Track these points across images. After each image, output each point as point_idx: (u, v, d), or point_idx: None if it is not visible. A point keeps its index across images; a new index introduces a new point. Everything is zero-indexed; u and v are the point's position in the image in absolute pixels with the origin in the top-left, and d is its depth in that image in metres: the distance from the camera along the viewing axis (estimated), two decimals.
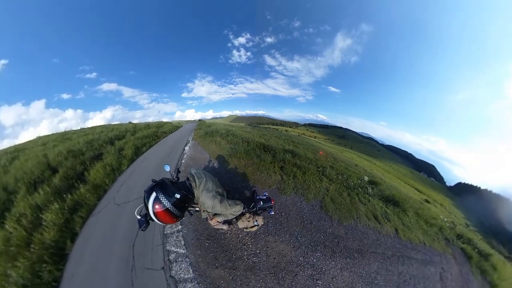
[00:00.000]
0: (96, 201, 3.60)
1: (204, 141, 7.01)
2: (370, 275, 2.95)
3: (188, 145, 6.98)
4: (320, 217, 3.61)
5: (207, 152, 5.83)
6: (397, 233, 4.16)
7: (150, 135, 8.71)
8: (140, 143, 7.05)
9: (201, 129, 9.90)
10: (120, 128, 11.07)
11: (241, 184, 3.97)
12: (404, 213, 5.20)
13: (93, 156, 5.58)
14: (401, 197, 6.07)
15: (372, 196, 5.22)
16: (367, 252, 3.31)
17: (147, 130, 10.40)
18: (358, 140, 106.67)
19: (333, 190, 4.56)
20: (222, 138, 7.03)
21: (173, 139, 8.64)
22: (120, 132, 9.31)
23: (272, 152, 5.84)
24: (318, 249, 3.02)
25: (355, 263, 3.03)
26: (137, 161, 5.56)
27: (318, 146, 16.80)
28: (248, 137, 7.62)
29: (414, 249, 4.02)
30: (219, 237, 2.83)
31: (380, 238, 3.78)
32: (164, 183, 1.47)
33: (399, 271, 3.30)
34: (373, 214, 4.32)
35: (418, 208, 6.27)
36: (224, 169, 4.58)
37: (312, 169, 5.16)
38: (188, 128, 13.16)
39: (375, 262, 3.21)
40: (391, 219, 4.50)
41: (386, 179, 11.71)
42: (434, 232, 5.17)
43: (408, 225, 4.69)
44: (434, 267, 3.89)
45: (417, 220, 5.30)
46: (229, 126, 14.79)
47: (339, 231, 3.48)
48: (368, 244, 3.50)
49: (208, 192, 1.64)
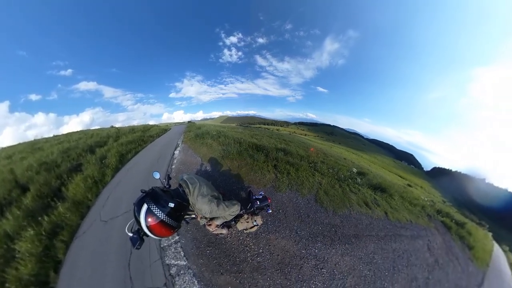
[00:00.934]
0: (79, 220, 3.19)
1: (195, 144, 6.68)
2: (369, 256, 3.23)
3: (178, 149, 6.54)
4: (316, 210, 3.78)
5: (199, 155, 5.55)
6: (387, 216, 4.63)
7: (135, 140, 7.90)
8: (124, 149, 6.39)
9: (191, 131, 9.45)
10: (101, 133, 10.00)
11: (236, 186, 3.93)
12: (390, 197, 5.72)
13: (70, 168, 4.92)
14: (387, 184, 6.66)
15: (361, 186, 5.64)
16: (362, 236, 3.61)
17: (132, 134, 9.48)
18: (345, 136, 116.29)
19: (325, 183, 4.81)
20: (213, 140, 6.80)
21: (162, 143, 8.00)
22: (101, 138, 8.37)
23: (264, 151, 5.78)
24: (318, 240, 3.16)
25: (353, 247, 3.27)
26: (123, 170, 5.01)
27: (309, 143, 17.41)
28: (240, 138, 7.41)
29: (403, 227, 4.54)
30: (220, 243, 2.79)
31: (372, 222, 4.15)
32: (155, 193, 1.35)
33: (393, 248, 3.69)
34: (364, 202, 4.70)
35: (402, 192, 7.03)
36: (217, 172, 4.49)
37: (304, 165, 5.37)
38: (177, 130, 12.33)
39: (371, 243, 3.51)
40: (380, 204, 4.95)
41: (372, 169, 12.61)
42: (418, 210, 5.89)
43: (395, 208, 5.21)
44: (421, 240, 4.47)
45: (402, 202, 5.88)
46: (220, 127, 13.64)
47: (335, 221, 3.70)
48: (363, 229, 3.81)
49: (203, 197, 1.56)
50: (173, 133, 11.18)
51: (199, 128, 11.17)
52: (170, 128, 14.48)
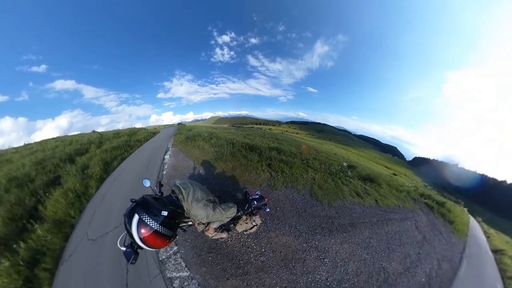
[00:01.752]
0: (62, 242, 2.83)
1: (186, 147, 6.40)
2: (365, 241, 3.49)
3: (168, 153, 6.20)
4: (312, 204, 3.93)
5: (191, 159, 5.32)
6: (377, 203, 5.00)
7: (121, 145, 7.21)
8: (109, 156, 5.84)
9: (182, 134, 8.91)
10: (81, 139, 9.03)
11: (231, 188, 3.91)
12: (379, 186, 6.15)
13: (47, 181, 4.35)
14: (375, 174, 7.14)
15: (352, 178, 5.98)
16: (357, 224, 3.86)
17: (117, 139, 8.68)
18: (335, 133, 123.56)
19: (319, 178, 5.02)
20: (205, 142, 6.64)
21: (150, 148, 7.51)
22: (82, 145, 7.57)
23: (258, 151, 5.81)
24: (317, 232, 3.29)
25: (350, 235, 3.47)
26: (109, 180, 4.59)
27: (301, 141, 17.91)
28: (233, 138, 7.26)
29: (392, 211, 4.96)
30: (221, 247, 2.75)
31: (365, 210, 4.46)
32: (146, 201, 1.28)
33: (386, 231, 4.02)
34: (355, 192, 5.01)
35: (389, 180, 7.59)
36: (211, 174, 4.42)
37: (297, 163, 5.54)
38: (166, 133, 11.60)
39: (366, 229, 3.78)
40: (370, 193, 5.32)
41: (361, 162, 13.43)
42: (404, 196, 6.41)
43: (384, 195, 5.63)
44: (409, 221, 4.95)
45: (390, 189, 6.35)
46: (212, 128, 13.09)
47: (331, 212, 3.89)
48: (357, 217, 4.07)
49: (198, 202, 1.50)
50: (162, 136, 10.55)
51: (190, 130, 10.64)
52: (158, 131, 13.48)
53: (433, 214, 6.07)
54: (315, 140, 49.38)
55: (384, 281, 2.95)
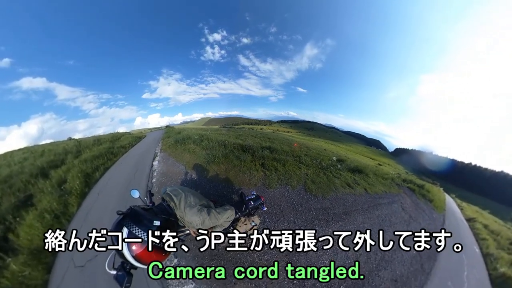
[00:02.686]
0: (45, 274, 2.47)
1: (176, 151, 6.14)
2: (359, 226, 3.77)
3: (157, 159, 5.87)
4: (307, 198, 4.09)
5: (182, 164, 5.11)
6: (366, 191, 5.41)
7: (103, 153, 6.59)
8: (90, 167, 5.25)
9: (170, 137, 8.55)
10: (55, 149, 7.93)
11: (226, 190, 3.88)
12: (367, 176, 6.64)
13: (16, 203, 3.76)
14: (362, 166, 7.68)
15: (342, 171, 6.36)
16: (351, 212, 4.13)
17: (98, 147, 7.86)
18: (324, 130, 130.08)
19: (311, 173, 5.25)
20: (196, 145, 6.41)
21: (137, 154, 7.00)
22: (57, 155, 6.72)
23: (250, 151, 5.77)
24: (314, 224, 3.43)
25: (346, 222, 3.70)
26: (92, 195, 4.15)
27: (292, 139, 18.38)
28: (225, 140, 7.07)
29: (380, 197, 5.44)
30: (223, 252, 2.70)
31: (356, 198, 4.79)
32: (135, 212, 1.16)
33: (377, 215, 4.41)
34: (346, 183, 5.36)
35: (375, 170, 8.28)
36: (204, 179, 4.32)
37: (290, 160, 5.72)
38: (153, 137, 10.97)
39: (359, 216, 4.08)
40: (360, 183, 5.72)
41: (349, 156, 14.27)
42: (389, 182, 7.05)
43: (372, 183, 6.10)
44: (396, 204, 5.48)
45: (376, 178, 6.91)
46: (203, 130, 12.61)
47: (326, 204, 4.09)
48: (350, 206, 4.36)
49: (191, 208, 1.40)
50: (149, 140, 9.98)
51: (179, 132, 10.20)
52: (145, 135, 12.71)
53: (415, 196, 6.82)
54: (306, 137, 51.94)
55: (381, 259, 3.24)
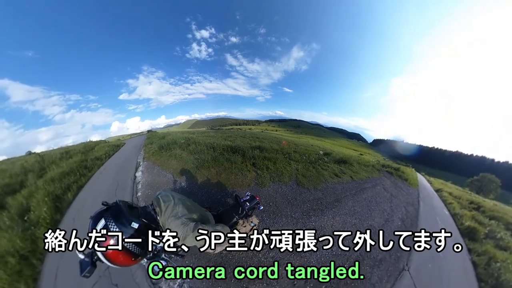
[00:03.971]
0: None
1: (161, 158, 5.70)
2: (351, 210, 4.14)
3: (140, 169, 5.37)
4: (300, 192, 4.29)
5: (168, 172, 4.79)
6: (352, 178, 5.95)
7: (74, 168, 5.63)
8: (59, 187, 4.42)
9: (153, 143, 7.87)
10: (10, 168, 6.51)
11: (220, 195, 3.81)
12: (351, 165, 7.25)
13: None
14: (346, 157, 8.39)
15: (329, 163, 6.84)
16: (341, 198, 4.49)
17: (67, 161, 6.64)
18: (310, 127, 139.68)
19: (301, 168, 5.51)
20: (182, 150, 6.08)
21: (116, 166, 6.25)
22: (13, 176, 5.54)
23: (240, 152, 5.78)
24: (310, 214, 3.61)
25: (338, 209, 4.00)
26: (65, 222, 3.45)
27: (280, 137, 18.77)
28: (213, 142, 6.86)
29: (365, 182, 6.08)
30: (228, 258, 2.63)
31: (344, 186, 5.24)
32: (118, 208, 1.12)
33: (364, 198, 4.90)
34: (334, 174, 5.80)
35: (358, 160, 9.07)
36: (195, 185, 4.15)
37: (280, 158, 5.90)
38: (134, 144, 9.97)
39: (349, 201, 4.47)
40: (346, 172, 6.25)
41: (334, 149, 15.27)
42: (371, 169, 7.80)
43: (356, 171, 6.70)
44: (379, 186, 6.21)
45: (360, 166, 7.59)
46: (189, 133, 11.68)
47: (318, 195, 4.35)
48: (340, 193, 4.74)
49: (176, 219, 1.27)
50: (129, 148, 9.05)
51: (163, 137, 9.28)
52: (124, 142, 11.35)
53: (393, 177, 7.84)
54: (293, 135, 56.15)
55: (373, 234, 3.49)
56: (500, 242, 5.06)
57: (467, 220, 6.05)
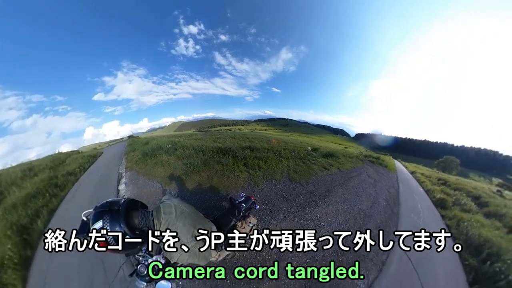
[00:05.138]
0: None
1: (146, 167, 5.33)
2: (341, 197, 4.49)
3: (123, 182, 4.89)
4: (293, 187, 4.46)
5: (156, 181, 4.49)
6: (339, 169, 6.46)
7: (42, 189, 4.74)
8: (24, 215, 3.70)
9: (136, 150, 7.34)
10: None
11: (214, 199, 3.73)
12: (337, 158, 7.82)
13: None
14: (333, 151, 9.03)
15: (317, 157, 7.27)
16: (332, 188, 4.83)
17: (32, 180, 5.66)
18: (298, 125, 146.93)
19: (292, 164, 5.74)
20: (169, 155, 5.78)
21: (94, 180, 5.46)
22: None
23: (231, 153, 5.74)
24: (305, 207, 3.78)
25: (330, 198, 4.29)
26: (38, 260, 2.81)
27: (270, 136, 19.07)
28: (202, 145, 6.69)
29: (351, 172, 6.67)
30: (232, 263, 2.60)
31: (333, 177, 5.64)
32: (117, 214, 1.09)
33: (352, 186, 5.36)
34: (323, 167, 6.19)
35: (343, 153, 9.82)
36: (186, 192, 3.99)
37: (271, 156, 6.04)
38: (113, 153, 9.01)
39: (339, 190, 4.83)
40: (333, 164, 6.73)
41: (321, 144, 16.17)
42: (355, 160, 8.56)
43: (342, 163, 7.27)
44: (363, 174, 6.86)
45: (345, 158, 8.24)
46: (175, 137, 10.95)
47: (310, 188, 4.59)
48: (330, 184, 5.09)
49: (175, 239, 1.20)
50: (108, 158, 8.08)
51: (147, 143, 8.67)
52: (101, 151, 10.20)
53: (375, 165, 8.79)
54: (282, 133, 58.67)
55: (364, 216, 4.00)
56: (464, 207, 6.28)
57: (438, 193, 7.23)
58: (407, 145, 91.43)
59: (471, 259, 3.64)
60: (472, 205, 6.51)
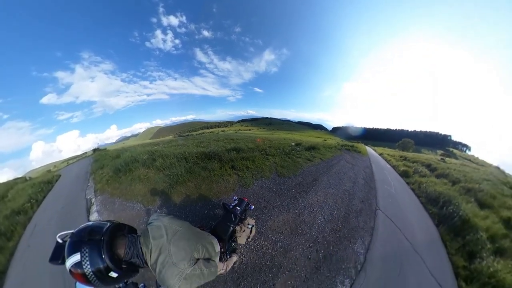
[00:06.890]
0: None
1: (120, 186, 4.61)
2: (327, 183, 5.00)
3: (94, 210, 4.05)
4: (283, 182, 4.71)
5: (135, 201, 3.94)
6: (322, 159, 7.14)
7: None
8: None
9: (105, 167, 6.31)
10: None
11: (206, 208, 3.57)
12: (319, 150, 8.62)
13: None
14: (314, 144, 9.88)
15: (301, 151, 7.84)
16: (318, 177, 5.29)
17: None
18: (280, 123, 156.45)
19: (278, 160, 6.04)
20: (148, 168, 5.17)
21: (54, 215, 4.29)
22: None
23: (217, 157, 5.60)
24: (297, 197, 4.03)
25: (317, 186, 4.72)
26: None
27: (254, 135, 19.46)
28: (184, 152, 6.27)
29: (332, 160, 7.48)
30: (241, 269, 2.55)
31: (317, 167, 6.22)
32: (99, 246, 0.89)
33: (334, 172, 6.05)
34: (307, 159, 6.72)
35: (323, 145, 10.91)
36: (174, 207, 3.65)
37: (257, 155, 6.20)
38: (75, 174, 7.33)
39: (324, 177, 5.34)
40: (316, 156, 7.37)
41: (303, 139, 17.45)
42: (334, 149, 9.63)
43: (324, 154, 8.04)
44: (342, 161, 7.84)
45: (325, 149, 9.14)
46: (152, 145, 10.12)
47: (298, 180, 4.92)
48: (315, 174, 5.56)
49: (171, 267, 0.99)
50: (69, 182, 6.55)
51: (118, 156, 7.37)
52: (58, 174, 8.09)
53: (351, 152, 10.21)
54: (266, 132, 60.87)
55: (349, 195, 4.57)
56: (421, 173, 8.17)
57: (401, 167, 9.19)
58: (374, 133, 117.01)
59: (433, 208, 4.97)
60: (426, 171, 8.52)
